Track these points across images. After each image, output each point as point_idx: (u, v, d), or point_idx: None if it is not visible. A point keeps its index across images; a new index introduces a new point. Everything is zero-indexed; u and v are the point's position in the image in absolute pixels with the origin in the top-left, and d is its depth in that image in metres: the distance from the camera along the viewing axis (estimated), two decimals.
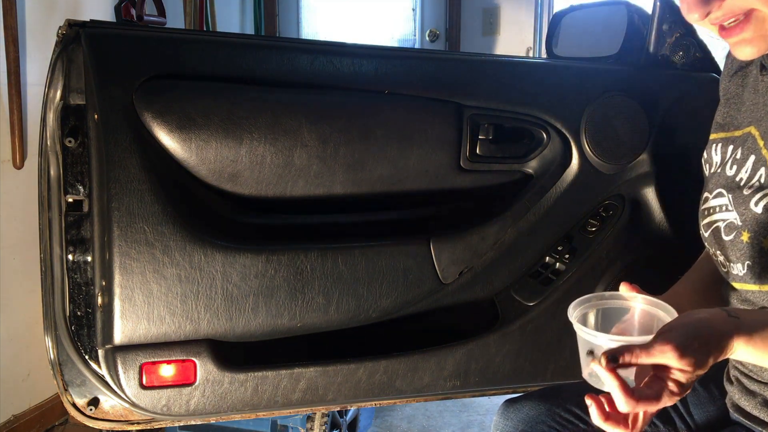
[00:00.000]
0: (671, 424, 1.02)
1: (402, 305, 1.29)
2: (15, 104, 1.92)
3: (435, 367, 1.32)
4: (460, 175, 1.31)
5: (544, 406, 1.03)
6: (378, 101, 1.25)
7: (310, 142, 1.19)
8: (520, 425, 1.02)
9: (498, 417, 1.07)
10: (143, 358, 1.16)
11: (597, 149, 1.34)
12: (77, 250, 1.18)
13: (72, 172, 1.16)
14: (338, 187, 1.24)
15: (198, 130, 1.13)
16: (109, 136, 1.10)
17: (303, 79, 1.22)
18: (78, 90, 1.14)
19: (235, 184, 1.19)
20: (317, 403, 1.29)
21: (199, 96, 1.14)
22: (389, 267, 1.26)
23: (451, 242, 1.30)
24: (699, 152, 1.02)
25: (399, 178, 1.28)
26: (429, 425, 2.28)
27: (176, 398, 1.19)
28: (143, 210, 1.11)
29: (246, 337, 1.22)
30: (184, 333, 1.16)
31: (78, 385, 1.22)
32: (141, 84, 1.11)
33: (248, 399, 1.22)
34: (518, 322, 1.35)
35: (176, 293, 1.15)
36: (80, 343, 1.19)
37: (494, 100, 1.31)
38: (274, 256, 1.19)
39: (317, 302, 1.22)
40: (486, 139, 1.30)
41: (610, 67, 1.40)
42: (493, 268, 1.34)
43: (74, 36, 1.12)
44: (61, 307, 1.19)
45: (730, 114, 0.95)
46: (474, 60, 1.39)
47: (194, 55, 1.17)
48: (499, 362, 1.35)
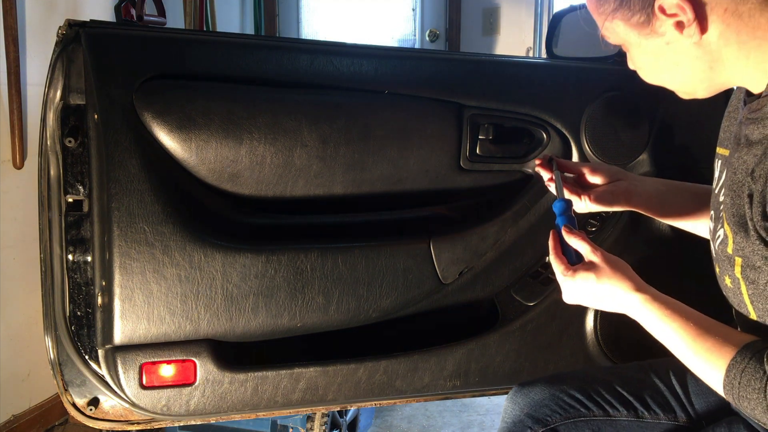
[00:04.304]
0: (672, 413, 1.03)
1: (402, 305, 1.29)
2: (15, 104, 1.92)
3: (435, 367, 1.32)
4: (460, 175, 1.31)
5: (548, 391, 1.06)
6: (378, 101, 1.25)
7: (310, 142, 1.19)
8: (526, 408, 1.05)
9: (507, 402, 1.10)
10: (143, 358, 1.16)
11: (597, 149, 1.34)
12: (77, 250, 1.18)
13: (72, 172, 1.16)
14: (338, 187, 1.24)
15: (198, 130, 1.13)
16: (109, 136, 1.10)
17: (303, 79, 1.22)
18: (78, 90, 1.14)
19: (235, 184, 1.19)
20: (317, 403, 1.29)
21: (199, 96, 1.14)
22: (389, 267, 1.26)
23: (451, 242, 1.30)
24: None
25: (399, 178, 1.28)
26: (429, 425, 2.28)
27: (176, 398, 1.19)
28: (143, 210, 1.11)
29: (246, 337, 1.22)
30: (184, 333, 1.16)
31: (78, 385, 1.22)
32: (141, 84, 1.11)
33: (248, 399, 1.22)
34: (518, 322, 1.35)
35: (176, 293, 1.15)
36: (80, 343, 1.19)
37: (494, 100, 1.31)
38: (274, 256, 1.19)
39: (317, 302, 1.22)
40: (486, 139, 1.30)
41: (610, 67, 1.40)
42: (493, 268, 1.34)
43: (74, 36, 1.12)
44: (61, 307, 1.18)
45: (728, 129, 0.93)
46: (474, 60, 1.39)
47: (194, 55, 1.17)
48: (499, 362, 1.35)
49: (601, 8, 0.82)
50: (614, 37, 0.84)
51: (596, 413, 1.03)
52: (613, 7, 0.79)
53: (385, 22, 3.73)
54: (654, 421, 1.03)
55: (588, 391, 1.05)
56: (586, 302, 0.93)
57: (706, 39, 0.76)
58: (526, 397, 1.07)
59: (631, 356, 1.40)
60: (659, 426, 1.03)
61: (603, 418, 1.03)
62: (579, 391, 1.05)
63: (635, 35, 0.81)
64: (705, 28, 0.75)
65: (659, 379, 1.06)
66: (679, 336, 0.82)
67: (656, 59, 0.82)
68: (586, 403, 1.04)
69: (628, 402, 1.04)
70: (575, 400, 1.04)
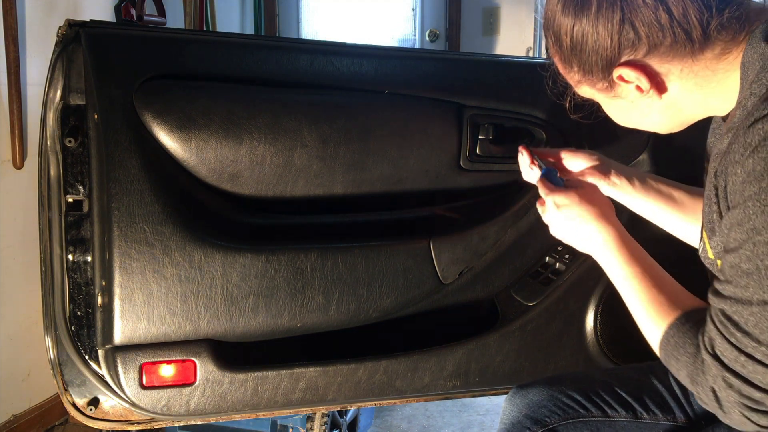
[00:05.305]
0: (670, 414, 1.03)
1: (402, 305, 1.29)
2: (15, 104, 1.92)
3: (435, 367, 1.32)
4: (460, 175, 1.31)
5: (547, 392, 1.06)
6: (378, 101, 1.25)
7: (310, 142, 1.19)
8: (524, 409, 1.05)
9: (505, 403, 1.10)
10: (143, 358, 1.16)
11: (597, 149, 1.34)
12: (77, 250, 1.18)
13: (72, 172, 1.16)
14: (338, 187, 1.24)
15: (198, 130, 1.13)
16: (109, 136, 1.10)
17: (303, 79, 1.22)
18: (78, 90, 1.14)
19: (235, 184, 1.19)
20: (317, 403, 1.29)
21: (199, 96, 1.14)
22: (389, 267, 1.26)
23: (451, 242, 1.30)
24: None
25: (399, 178, 1.28)
26: (429, 425, 2.28)
27: (176, 398, 1.19)
28: (143, 210, 1.11)
29: (246, 337, 1.22)
30: (184, 333, 1.16)
31: (78, 385, 1.22)
32: (141, 84, 1.11)
33: (248, 399, 1.22)
34: (518, 322, 1.35)
35: (176, 293, 1.15)
36: (80, 343, 1.19)
37: (494, 100, 1.31)
38: (274, 256, 1.19)
39: (317, 302, 1.22)
40: (486, 139, 1.30)
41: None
42: (493, 268, 1.34)
43: (74, 36, 1.12)
44: (61, 307, 1.19)
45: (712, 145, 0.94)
46: (474, 60, 1.39)
47: (194, 55, 1.17)
48: (499, 362, 1.35)
49: (568, 75, 0.88)
50: (585, 95, 0.90)
51: (595, 414, 1.03)
52: (578, 77, 0.85)
53: (385, 22, 3.73)
54: (652, 422, 1.03)
55: (586, 391, 1.05)
56: (562, 224, 0.95)
57: (668, 95, 0.80)
58: (525, 398, 1.07)
59: (631, 356, 1.40)
60: (658, 426, 1.03)
61: (602, 418, 1.03)
62: (577, 392, 1.05)
63: (602, 97, 0.87)
64: (664, 89, 0.80)
65: (658, 381, 1.06)
66: (633, 283, 0.86)
67: (626, 113, 0.87)
68: (585, 403, 1.04)
69: (627, 403, 1.04)
70: (574, 401, 1.05)
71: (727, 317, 0.70)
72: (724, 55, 0.76)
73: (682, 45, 0.75)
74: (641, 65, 0.77)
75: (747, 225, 0.67)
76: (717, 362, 0.71)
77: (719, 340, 0.71)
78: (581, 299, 1.37)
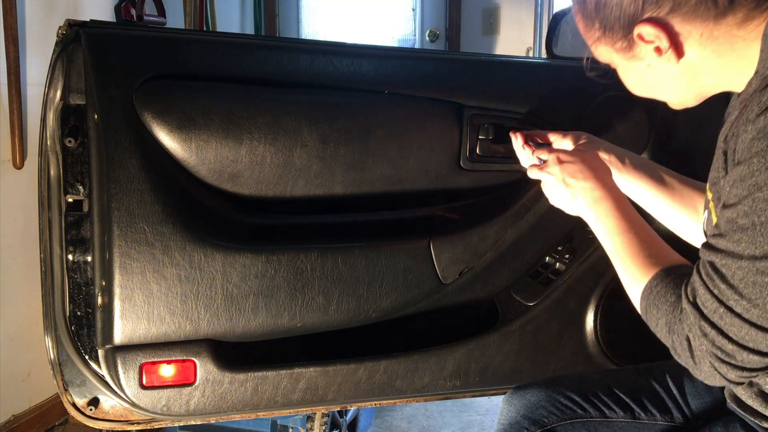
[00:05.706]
0: (668, 414, 1.03)
1: (402, 305, 1.29)
2: (15, 104, 1.92)
3: (435, 367, 1.32)
4: (460, 175, 1.31)
5: (545, 393, 1.06)
6: (378, 101, 1.25)
7: (310, 142, 1.19)
8: (522, 410, 1.05)
9: (503, 404, 1.10)
10: (143, 358, 1.16)
11: None
12: (77, 250, 1.18)
13: (72, 172, 1.16)
14: (338, 187, 1.24)
15: (198, 130, 1.13)
16: (109, 136, 1.10)
17: (303, 79, 1.22)
18: (78, 90, 1.14)
19: (235, 184, 1.19)
20: (317, 403, 1.29)
21: (199, 96, 1.14)
22: (389, 267, 1.26)
23: (451, 242, 1.30)
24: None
25: (399, 178, 1.28)
26: (429, 425, 2.28)
27: (176, 398, 1.19)
28: (143, 210, 1.11)
29: (246, 337, 1.22)
30: (184, 333, 1.16)
31: (78, 385, 1.22)
32: (141, 84, 1.11)
33: (248, 399, 1.22)
34: (518, 322, 1.35)
35: (176, 293, 1.15)
36: (80, 343, 1.19)
37: (494, 100, 1.31)
38: (274, 256, 1.19)
39: (317, 302, 1.22)
40: (486, 139, 1.31)
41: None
42: (493, 268, 1.34)
43: (74, 36, 1.12)
44: (61, 307, 1.19)
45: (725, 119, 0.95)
46: (474, 60, 1.39)
47: (194, 55, 1.17)
48: (499, 362, 1.35)
49: (588, 34, 0.87)
50: (602, 58, 0.90)
51: (593, 414, 1.03)
52: (598, 35, 0.85)
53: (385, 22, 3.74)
54: (650, 422, 1.03)
55: (584, 392, 1.05)
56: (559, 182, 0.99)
57: (686, 60, 0.80)
58: (523, 398, 1.07)
59: (631, 356, 1.40)
60: (656, 426, 1.03)
61: (599, 419, 1.03)
62: (575, 393, 1.05)
63: (620, 58, 0.86)
64: (682, 53, 0.79)
65: (655, 381, 1.07)
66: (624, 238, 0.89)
67: (642, 79, 0.87)
68: (583, 404, 1.04)
69: (625, 403, 1.04)
70: (572, 402, 1.05)
71: (715, 269, 0.71)
72: (746, 23, 0.75)
73: (706, 6, 0.74)
74: (663, 23, 0.77)
75: (749, 180, 0.67)
76: (696, 311, 0.73)
77: (702, 290, 0.72)
78: (581, 299, 1.38)
